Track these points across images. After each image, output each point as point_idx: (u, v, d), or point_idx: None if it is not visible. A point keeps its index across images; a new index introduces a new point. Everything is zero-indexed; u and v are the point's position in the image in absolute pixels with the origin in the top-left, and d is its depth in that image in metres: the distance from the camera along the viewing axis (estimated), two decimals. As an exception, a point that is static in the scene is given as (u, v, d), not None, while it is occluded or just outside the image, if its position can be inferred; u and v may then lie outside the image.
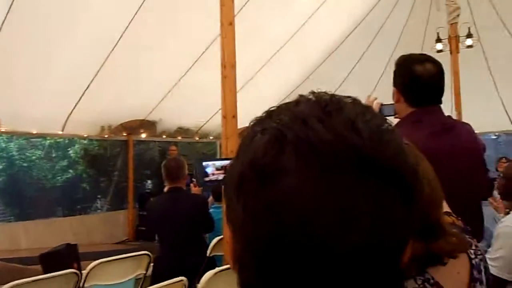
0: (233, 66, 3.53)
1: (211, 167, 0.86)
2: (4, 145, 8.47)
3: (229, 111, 3.51)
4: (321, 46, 8.30)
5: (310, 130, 0.45)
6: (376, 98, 1.78)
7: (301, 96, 0.52)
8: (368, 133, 0.45)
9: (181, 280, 2.42)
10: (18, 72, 6.03)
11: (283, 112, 0.49)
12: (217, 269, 2.52)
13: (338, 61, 8.59)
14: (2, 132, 6.98)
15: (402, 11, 8.23)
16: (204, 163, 0.90)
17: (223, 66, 3.58)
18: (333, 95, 0.51)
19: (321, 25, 7.65)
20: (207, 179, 0.92)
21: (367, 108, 0.50)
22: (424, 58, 1.82)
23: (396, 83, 1.83)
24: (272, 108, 0.52)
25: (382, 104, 1.77)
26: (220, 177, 0.82)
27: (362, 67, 8.89)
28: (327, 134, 0.44)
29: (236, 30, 3.74)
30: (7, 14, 5.24)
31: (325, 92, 0.52)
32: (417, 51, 2.17)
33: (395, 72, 1.85)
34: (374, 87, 9.51)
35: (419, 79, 1.75)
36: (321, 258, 0.42)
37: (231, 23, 3.50)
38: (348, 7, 7.74)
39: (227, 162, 0.74)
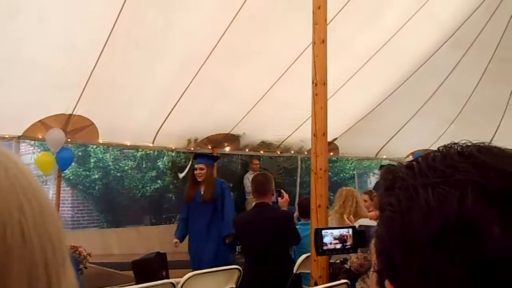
0: (325, 84, 3.53)
1: (329, 236, 0.87)
2: (101, 156, 9.06)
3: (320, 128, 3.51)
4: (409, 59, 8.05)
5: None
6: None
7: (449, 147, 0.50)
8: None
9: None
10: (116, 91, 6.47)
11: (455, 163, 0.47)
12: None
13: (426, 74, 8.28)
14: (100, 143, 7.49)
15: (499, 23, 7.78)
16: (324, 231, 0.91)
17: (314, 83, 3.58)
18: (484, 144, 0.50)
19: (408, 39, 7.43)
20: (325, 248, 0.92)
21: None
22: None
23: None
24: (420, 161, 0.50)
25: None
26: (338, 246, 0.82)
27: (453, 81, 8.50)
28: None
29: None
30: (107, 40, 5.66)
31: (464, 143, 0.50)
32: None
33: None
34: (466, 101, 9.05)
35: None
36: None
37: (324, 41, 3.50)
38: (438, 21, 7.45)
39: (344, 231, 0.74)
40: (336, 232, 0.81)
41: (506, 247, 0.42)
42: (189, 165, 8.27)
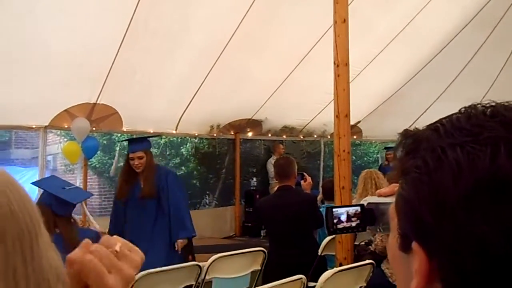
0: (347, 65, 3.49)
1: (345, 215, 0.87)
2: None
3: (342, 110, 3.49)
4: (433, 40, 7.87)
5: None
6: None
7: (472, 107, 0.50)
8: None
9: (300, 278, 2.45)
10: (139, 79, 6.53)
11: (481, 122, 0.47)
12: (335, 269, 2.51)
13: (451, 55, 8.09)
14: (124, 131, 7.59)
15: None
16: (335, 210, 0.90)
17: (336, 64, 3.55)
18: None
19: (433, 18, 7.27)
20: (340, 226, 0.91)
21: None
22: None
23: None
24: (445, 122, 0.50)
25: None
26: (354, 224, 0.82)
27: (479, 61, 8.29)
28: None
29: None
30: (127, 29, 5.70)
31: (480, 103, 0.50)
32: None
33: None
34: (492, 83, 8.84)
35: None
36: None
37: (345, 21, 3.45)
38: (460, 1, 7.25)
39: (355, 209, 0.74)
40: (350, 210, 0.81)
41: None
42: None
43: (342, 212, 0.94)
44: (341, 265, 3.41)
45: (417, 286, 0.48)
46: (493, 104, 0.49)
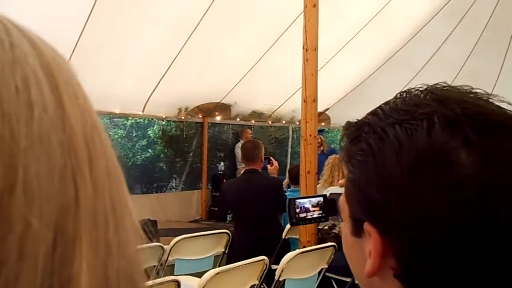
0: (316, 49, 3.49)
1: (308, 204, 0.85)
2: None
3: (310, 94, 3.49)
4: (402, 29, 7.98)
5: (481, 108, 0.48)
6: None
7: (406, 91, 0.53)
8: None
9: (263, 259, 2.46)
10: (105, 57, 6.35)
11: (416, 102, 0.50)
12: (297, 251, 2.53)
13: (419, 44, 8.23)
14: (89, 111, 7.39)
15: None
16: (297, 201, 0.88)
17: (305, 49, 3.54)
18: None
19: (401, 8, 7.35)
20: (302, 215, 0.89)
21: None
22: None
23: None
24: (383, 106, 0.53)
25: None
26: (316, 214, 0.81)
27: (447, 50, 8.47)
28: (497, 109, 0.49)
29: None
30: (94, 4, 5.52)
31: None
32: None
33: None
34: (458, 71, 9.05)
35: None
36: None
37: (315, 5, 3.44)
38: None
39: (318, 199, 0.74)
40: (313, 201, 0.81)
41: (473, 170, 0.44)
42: None
43: (304, 203, 0.93)
44: (304, 248, 3.45)
45: (373, 265, 0.49)
46: (425, 87, 0.52)
